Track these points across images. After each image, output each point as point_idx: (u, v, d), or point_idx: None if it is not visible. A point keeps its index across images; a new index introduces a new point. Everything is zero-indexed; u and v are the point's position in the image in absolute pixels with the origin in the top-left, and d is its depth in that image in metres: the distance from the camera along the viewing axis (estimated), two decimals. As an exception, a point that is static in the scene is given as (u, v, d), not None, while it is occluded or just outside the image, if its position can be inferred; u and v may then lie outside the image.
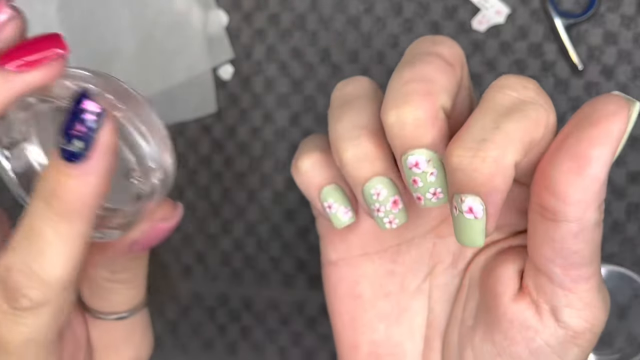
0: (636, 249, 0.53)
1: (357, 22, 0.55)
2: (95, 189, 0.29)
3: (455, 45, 0.33)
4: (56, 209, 0.29)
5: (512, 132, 0.29)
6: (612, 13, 0.53)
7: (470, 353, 0.34)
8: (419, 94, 0.30)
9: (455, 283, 0.37)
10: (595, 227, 0.30)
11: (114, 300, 0.37)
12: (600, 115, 0.29)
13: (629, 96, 0.30)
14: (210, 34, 0.56)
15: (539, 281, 0.32)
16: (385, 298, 0.37)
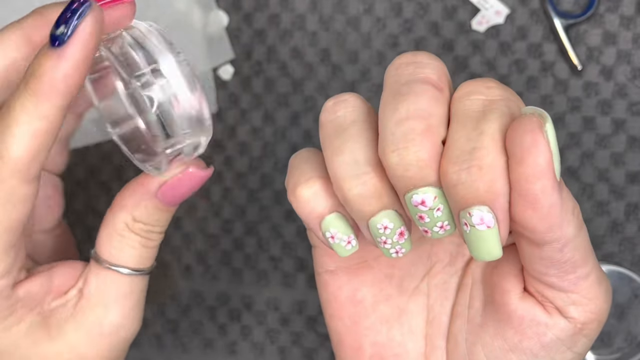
0: (635, 248, 0.53)
1: (357, 23, 0.55)
2: (66, 73, 0.31)
3: (439, 63, 0.32)
4: (29, 87, 0.31)
5: (496, 132, 0.29)
6: (612, 13, 0.53)
7: (480, 349, 0.35)
8: (419, 133, 0.30)
9: (455, 281, 0.37)
10: (577, 233, 0.31)
11: (124, 252, 0.37)
12: (522, 151, 0.28)
13: (536, 108, 0.29)
14: (211, 35, 0.56)
15: (540, 287, 0.33)
16: (386, 301, 0.37)
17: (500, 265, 0.34)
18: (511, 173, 0.29)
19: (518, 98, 0.32)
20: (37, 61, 0.32)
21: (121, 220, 0.36)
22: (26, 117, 0.32)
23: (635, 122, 0.53)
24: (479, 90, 0.31)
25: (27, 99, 0.32)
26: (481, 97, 0.31)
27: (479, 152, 0.29)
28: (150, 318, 0.57)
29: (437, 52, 0.54)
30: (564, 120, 0.54)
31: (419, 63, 0.32)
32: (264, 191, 0.56)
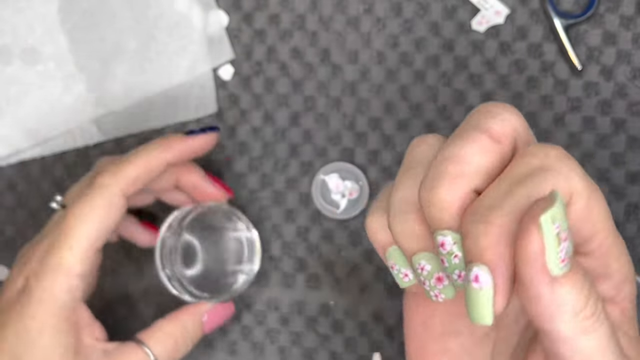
0: (636, 249, 0.53)
1: (357, 23, 0.55)
2: (182, 147, 0.49)
3: (512, 117, 0.31)
4: (157, 142, 0.48)
5: (522, 199, 0.28)
6: (611, 13, 0.53)
7: None
8: (450, 176, 0.30)
9: (515, 340, 0.36)
10: (580, 337, 0.28)
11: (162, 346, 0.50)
12: (519, 232, 0.27)
13: (556, 193, 0.28)
14: (211, 35, 0.56)
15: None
16: (454, 336, 0.37)
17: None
18: (519, 283, 0.28)
19: (574, 173, 0.30)
20: (172, 136, 0.49)
21: (172, 328, 0.49)
22: (144, 156, 0.47)
23: (635, 122, 0.53)
24: (537, 154, 0.30)
25: (154, 147, 0.48)
26: (534, 161, 0.30)
27: (496, 210, 0.28)
28: (152, 318, 0.57)
29: (437, 52, 0.54)
30: (564, 120, 0.54)
31: (491, 112, 0.32)
32: (264, 191, 0.56)
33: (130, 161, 0.46)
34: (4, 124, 0.56)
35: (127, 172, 0.46)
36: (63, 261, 0.44)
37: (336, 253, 0.55)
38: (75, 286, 0.45)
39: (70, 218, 0.45)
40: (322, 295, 0.56)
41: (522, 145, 0.32)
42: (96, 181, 0.45)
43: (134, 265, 0.57)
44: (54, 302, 0.44)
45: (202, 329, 0.51)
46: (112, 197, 0.45)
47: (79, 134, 0.57)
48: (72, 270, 0.45)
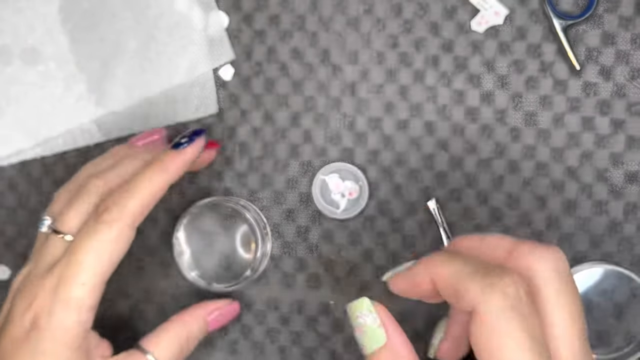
0: (634, 248, 0.54)
1: (357, 23, 0.55)
2: (179, 165, 0.48)
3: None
4: (155, 166, 0.48)
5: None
6: (610, 14, 0.53)
7: None
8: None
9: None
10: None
11: (168, 352, 0.50)
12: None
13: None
14: (211, 35, 0.56)
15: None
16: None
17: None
18: None
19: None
20: (164, 154, 0.48)
21: (176, 331, 0.50)
22: (147, 185, 0.47)
23: (634, 122, 0.53)
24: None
25: (153, 172, 0.47)
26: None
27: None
28: (151, 318, 0.57)
29: (436, 53, 0.54)
30: (563, 121, 0.54)
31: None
32: (264, 191, 0.56)
33: (134, 193, 0.46)
34: (4, 124, 0.57)
35: (134, 205, 0.46)
36: (75, 297, 0.45)
37: (336, 253, 0.56)
38: (87, 319, 0.45)
39: (80, 253, 0.45)
40: (322, 294, 0.56)
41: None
42: (103, 217, 0.45)
43: (134, 266, 0.57)
44: (67, 337, 0.45)
45: (206, 329, 0.52)
46: (120, 231, 0.45)
47: (80, 134, 0.57)
48: (84, 305, 0.45)
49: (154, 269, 0.57)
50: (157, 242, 0.57)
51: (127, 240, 0.46)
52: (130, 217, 0.46)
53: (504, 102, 0.54)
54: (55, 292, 0.45)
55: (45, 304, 0.45)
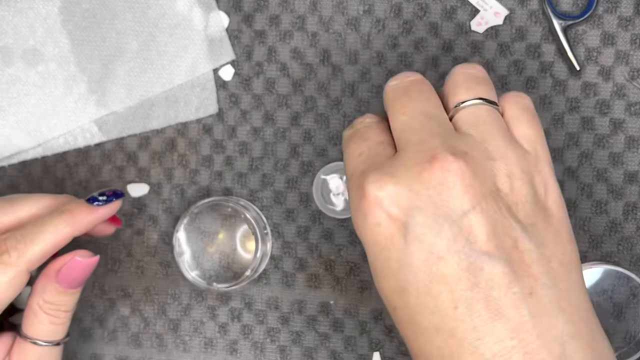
0: (634, 248, 0.54)
1: (356, 23, 0.55)
2: (90, 221, 0.48)
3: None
4: (64, 217, 0.47)
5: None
6: (610, 14, 0.53)
7: None
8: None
9: None
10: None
11: (38, 328, 0.47)
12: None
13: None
14: (211, 36, 0.56)
15: None
16: None
17: None
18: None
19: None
20: (76, 206, 0.48)
21: (34, 302, 0.47)
22: (52, 233, 0.46)
23: (634, 122, 0.53)
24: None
25: (60, 222, 0.46)
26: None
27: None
28: (152, 317, 0.57)
29: (436, 53, 0.54)
30: (563, 121, 0.54)
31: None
32: (264, 191, 0.56)
33: (38, 240, 0.46)
34: (5, 124, 0.57)
35: (33, 251, 0.46)
36: None
37: (336, 253, 0.56)
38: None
39: None
40: (322, 294, 0.56)
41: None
42: (1, 259, 0.45)
43: (134, 265, 0.57)
44: None
45: (61, 290, 0.48)
46: (15, 275, 0.45)
47: (80, 134, 0.57)
48: None
49: (154, 268, 0.57)
50: (157, 242, 0.57)
51: (20, 283, 0.46)
52: (27, 263, 0.46)
53: (504, 102, 0.54)
54: None
55: None
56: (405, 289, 0.37)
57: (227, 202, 0.54)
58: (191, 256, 0.55)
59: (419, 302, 0.36)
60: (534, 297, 0.36)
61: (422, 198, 0.37)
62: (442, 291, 0.36)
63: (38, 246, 0.46)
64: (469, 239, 0.36)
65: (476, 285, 0.36)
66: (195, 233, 0.55)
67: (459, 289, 0.36)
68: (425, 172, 0.37)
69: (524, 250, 0.37)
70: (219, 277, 0.55)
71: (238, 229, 0.55)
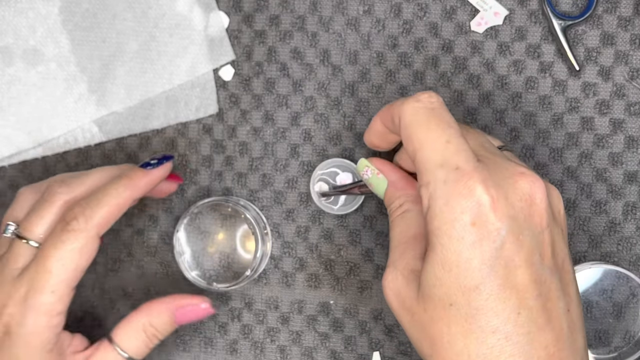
0: (633, 248, 0.54)
1: (356, 24, 0.55)
2: (146, 182, 0.50)
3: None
4: (122, 181, 0.49)
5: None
6: (610, 14, 0.53)
7: None
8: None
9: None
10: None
11: (131, 343, 0.50)
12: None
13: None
14: (212, 36, 0.56)
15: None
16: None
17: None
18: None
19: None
20: (132, 171, 0.50)
21: (140, 320, 0.50)
22: (114, 197, 0.48)
23: (634, 122, 0.53)
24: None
25: (120, 186, 0.49)
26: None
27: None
28: (151, 317, 0.57)
29: (436, 53, 0.54)
30: (563, 121, 0.54)
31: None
32: (264, 191, 0.56)
33: (102, 204, 0.48)
34: (5, 124, 0.57)
35: (100, 216, 0.47)
36: (45, 303, 0.46)
37: (336, 253, 0.56)
38: (57, 323, 0.47)
39: (49, 261, 0.46)
40: (322, 294, 0.56)
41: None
42: (71, 225, 0.47)
43: (134, 265, 0.57)
44: (39, 341, 0.46)
45: (173, 322, 0.51)
46: (87, 240, 0.47)
47: (81, 134, 0.57)
48: (54, 311, 0.47)
49: (154, 268, 0.57)
50: (157, 242, 0.57)
51: (92, 249, 0.47)
52: (96, 227, 0.47)
53: (504, 102, 0.54)
54: (26, 299, 0.46)
55: (15, 311, 0.46)
56: (477, 288, 0.39)
57: (227, 202, 0.54)
58: (191, 256, 0.55)
59: (486, 304, 0.39)
60: (569, 313, 0.40)
61: (515, 208, 0.39)
62: (510, 297, 0.39)
63: (103, 209, 0.48)
64: (541, 254, 0.40)
65: (539, 296, 0.39)
66: (195, 233, 0.55)
67: (526, 297, 0.39)
68: (518, 185, 0.40)
69: (567, 271, 0.41)
70: (219, 277, 0.55)
71: (238, 229, 0.55)
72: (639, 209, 0.54)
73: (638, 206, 0.54)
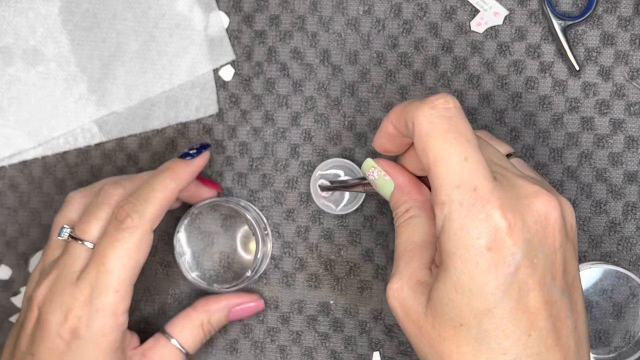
0: (633, 248, 0.54)
1: (356, 24, 0.55)
2: (189, 171, 0.51)
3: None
4: (166, 174, 0.50)
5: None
6: (610, 14, 0.53)
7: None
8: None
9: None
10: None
11: (190, 339, 0.53)
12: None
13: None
14: (212, 36, 0.56)
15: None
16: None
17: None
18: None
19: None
20: (174, 163, 0.51)
21: (199, 318, 0.53)
22: (161, 190, 0.49)
23: (634, 122, 0.53)
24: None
25: (165, 178, 0.49)
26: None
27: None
28: (152, 316, 0.57)
29: (436, 53, 0.54)
30: (563, 121, 0.54)
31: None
32: (264, 191, 0.56)
33: (151, 199, 0.49)
34: (5, 124, 0.57)
35: (152, 211, 0.48)
36: (110, 304, 0.47)
37: (336, 253, 0.56)
38: (123, 321, 0.48)
39: (108, 262, 0.47)
40: (322, 294, 0.56)
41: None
42: (125, 224, 0.47)
43: (135, 265, 0.57)
44: (107, 341, 0.47)
45: (227, 319, 0.54)
46: (142, 236, 0.48)
47: (81, 134, 0.57)
48: (119, 309, 0.47)
49: (154, 268, 0.57)
50: (157, 242, 0.57)
51: (148, 244, 0.48)
52: (149, 222, 0.48)
53: (504, 102, 0.54)
54: (91, 302, 0.47)
55: (82, 314, 0.47)
56: (490, 311, 0.38)
57: (227, 203, 0.54)
58: (192, 257, 0.55)
59: (497, 326, 0.38)
60: (577, 330, 0.40)
61: (530, 232, 0.39)
62: (522, 319, 0.38)
63: (153, 205, 0.48)
64: (553, 274, 0.39)
65: (549, 316, 0.39)
66: (195, 233, 0.55)
67: (537, 319, 0.39)
68: (534, 206, 0.39)
69: (577, 288, 0.41)
70: (219, 277, 0.55)
71: (238, 229, 0.55)
72: (639, 209, 0.54)
73: (638, 206, 0.54)
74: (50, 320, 0.47)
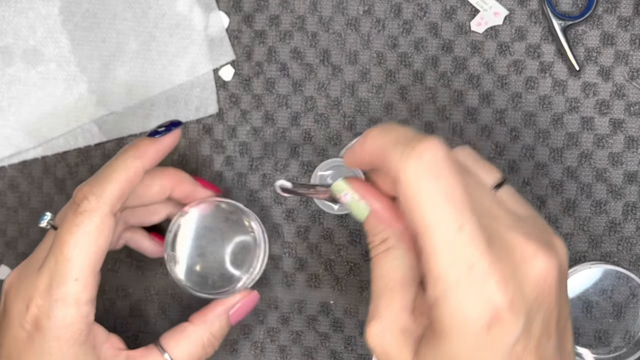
0: (633, 248, 0.54)
1: (356, 24, 0.55)
2: (156, 149, 0.48)
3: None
4: (129, 153, 0.47)
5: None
6: (610, 14, 0.53)
7: None
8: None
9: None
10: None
11: (185, 356, 0.50)
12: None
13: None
14: (212, 36, 0.56)
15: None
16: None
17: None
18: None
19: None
20: (139, 141, 0.48)
21: (198, 334, 0.49)
22: (123, 170, 0.46)
23: (634, 122, 0.53)
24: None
25: (128, 157, 0.46)
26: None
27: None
28: (153, 317, 0.57)
29: (436, 53, 0.54)
30: (563, 121, 0.54)
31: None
32: (264, 191, 0.56)
33: (110, 179, 0.45)
34: (5, 124, 0.57)
35: (110, 191, 0.45)
36: (71, 293, 0.44)
37: (336, 253, 0.56)
38: (87, 312, 0.45)
39: (66, 248, 0.44)
40: (322, 294, 0.56)
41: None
42: (82, 206, 0.44)
43: (134, 265, 0.57)
44: (70, 333, 0.44)
45: (229, 324, 0.51)
46: (101, 219, 0.45)
47: (81, 134, 0.57)
48: (81, 299, 0.45)
49: (154, 269, 0.57)
50: (157, 242, 0.57)
51: (109, 227, 0.45)
52: (108, 204, 0.45)
53: (504, 102, 0.54)
54: (50, 292, 0.44)
55: (42, 304, 0.44)
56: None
57: (222, 204, 0.54)
58: (183, 260, 0.53)
59: None
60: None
61: (529, 301, 0.36)
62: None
63: (112, 185, 0.45)
64: (548, 334, 0.37)
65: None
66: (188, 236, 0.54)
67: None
68: (532, 271, 0.37)
69: (567, 330, 0.39)
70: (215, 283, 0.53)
71: (233, 232, 0.54)
72: (639, 209, 0.54)
73: (638, 206, 0.54)
74: (13, 309, 0.45)
